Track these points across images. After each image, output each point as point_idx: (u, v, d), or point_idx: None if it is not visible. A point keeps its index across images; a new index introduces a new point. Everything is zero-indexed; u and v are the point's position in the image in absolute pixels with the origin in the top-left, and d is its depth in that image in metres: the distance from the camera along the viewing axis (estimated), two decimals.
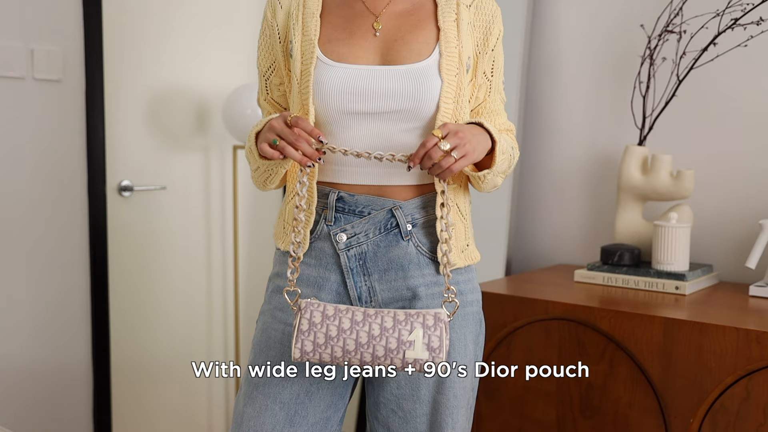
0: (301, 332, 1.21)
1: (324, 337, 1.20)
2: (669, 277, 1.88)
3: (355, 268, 1.33)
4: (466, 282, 1.38)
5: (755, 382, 1.54)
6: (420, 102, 1.28)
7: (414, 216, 1.33)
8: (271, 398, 1.33)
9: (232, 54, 2.83)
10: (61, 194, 2.33)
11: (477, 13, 1.37)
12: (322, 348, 1.20)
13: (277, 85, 1.41)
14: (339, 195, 1.33)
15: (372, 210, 1.32)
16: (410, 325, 1.20)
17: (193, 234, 2.77)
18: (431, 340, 1.20)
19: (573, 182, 2.31)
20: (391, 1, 1.36)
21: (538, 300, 1.81)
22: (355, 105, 1.29)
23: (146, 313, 2.64)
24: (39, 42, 2.24)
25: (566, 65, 2.31)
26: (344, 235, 1.32)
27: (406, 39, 1.32)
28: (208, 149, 2.79)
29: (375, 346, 1.20)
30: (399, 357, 1.19)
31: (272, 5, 1.40)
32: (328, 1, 1.38)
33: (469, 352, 1.37)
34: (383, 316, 1.21)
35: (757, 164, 2.00)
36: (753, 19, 1.94)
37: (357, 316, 1.21)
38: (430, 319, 1.21)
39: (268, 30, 1.40)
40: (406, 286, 1.33)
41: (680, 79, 2.02)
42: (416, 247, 1.33)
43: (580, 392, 1.76)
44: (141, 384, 2.63)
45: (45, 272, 2.30)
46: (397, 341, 1.19)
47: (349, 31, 1.34)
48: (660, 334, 1.64)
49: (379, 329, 1.20)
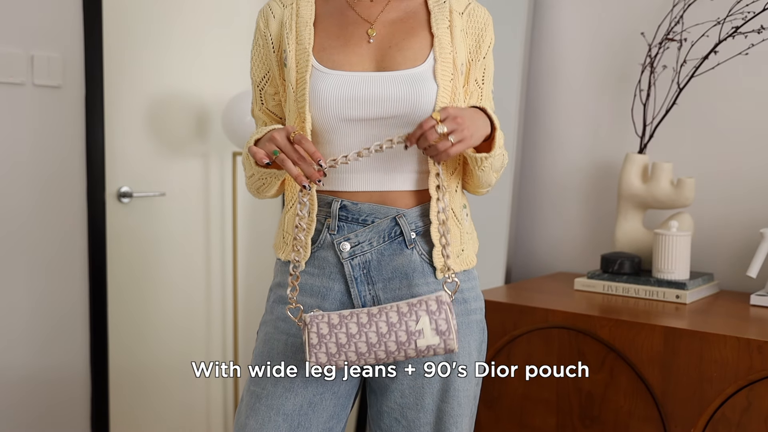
0: (312, 347, 1.21)
1: (336, 347, 1.21)
2: (669, 285, 1.88)
3: (359, 277, 1.32)
4: (469, 289, 1.37)
5: (756, 392, 1.53)
6: (416, 107, 1.28)
7: (417, 224, 1.32)
8: (274, 410, 1.32)
9: (231, 61, 2.83)
10: (60, 200, 2.32)
11: (469, 20, 1.37)
12: (336, 357, 1.21)
13: (272, 94, 1.41)
14: (342, 203, 1.32)
15: (376, 218, 1.32)
16: (415, 315, 1.21)
17: (192, 240, 2.77)
18: (438, 324, 1.21)
19: (573, 190, 2.31)
20: (384, 9, 1.36)
21: (538, 308, 1.81)
22: (351, 112, 1.28)
23: (145, 319, 2.63)
24: (39, 48, 2.24)
25: (567, 73, 2.31)
26: (348, 244, 1.32)
27: (400, 45, 1.32)
28: (207, 156, 2.79)
29: (386, 343, 1.21)
30: (412, 347, 1.21)
31: (265, 15, 1.39)
32: (321, 10, 1.38)
33: (473, 359, 1.36)
34: (387, 312, 1.22)
35: (757, 172, 2.00)
36: (754, 27, 1.94)
37: (362, 318, 1.22)
38: (433, 304, 1.22)
39: (261, 40, 1.39)
40: (410, 294, 1.32)
41: (681, 87, 2.02)
42: (420, 255, 1.32)
43: (580, 401, 1.75)
44: (139, 390, 2.62)
45: (44, 278, 2.30)
46: (407, 333, 1.20)
47: (343, 39, 1.34)
48: (660, 343, 1.63)
49: (386, 326, 1.21)
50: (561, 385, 1.78)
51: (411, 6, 1.38)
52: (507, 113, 2.25)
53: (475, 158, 1.30)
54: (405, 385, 1.33)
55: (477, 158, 1.30)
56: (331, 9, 1.38)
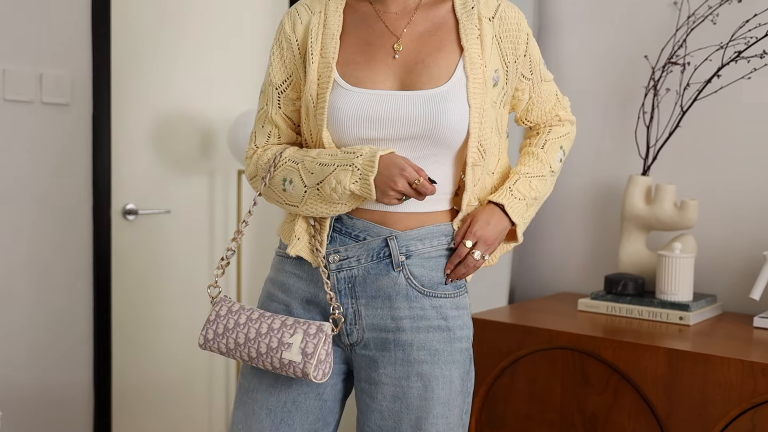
0: (209, 322, 1.35)
1: (223, 328, 1.33)
2: (673, 307, 1.88)
3: (343, 290, 1.32)
4: (455, 318, 1.34)
5: (761, 415, 1.53)
6: (436, 128, 1.27)
7: (410, 248, 1.31)
8: (258, 404, 1.35)
9: (237, 79, 2.85)
10: (66, 217, 2.33)
11: (501, 24, 1.34)
12: (220, 337, 1.33)
13: (293, 99, 1.38)
14: (339, 216, 1.33)
15: (368, 236, 1.32)
16: (293, 329, 1.29)
17: (196, 258, 2.77)
18: (307, 345, 1.27)
19: (577, 211, 2.31)
20: (411, 21, 1.33)
21: (541, 329, 1.81)
22: (370, 132, 1.28)
23: (149, 336, 2.63)
24: (48, 66, 2.26)
25: (570, 95, 2.31)
26: (337, 256, 1.32)
27: (426, 62, 1.30)
28: (212, 174, 2.80)
29: (260, 342, 1.29)
30: (277, 357, 1.28)
31: (291, 18, 1.37)
32: (348, 21, 1.35)
33: (455, 388, 1.33)
34: (275, 318, 1.31)
35: (760, 195, 2.01)
36: (756, 51, 1.96)
37: (254, 315, 1.32)
38: (313, 328, 1.29)
39: (285, 42, 1.36)
40: (390, 316, 1.31)
41: (684, 110, 2.03)
42: (407, 279, 1.31)
43: (583, 422, 1.75)
44: (142, 406, 2.62)
45: (49, 294, 2.30)
46: (278, 341, 1.28)
47: (368, 54, 1.32)
48: (664, 365, 1.63)
49: (267, 328, 1.30)
50: (565, 406, 1.78)
51: (439, 16, 1.34)
52: (512, 135, 2.26)
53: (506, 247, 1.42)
54: (384, 407, 1.32)
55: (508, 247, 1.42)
56: (358, 19, 1.35)
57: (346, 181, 1.25)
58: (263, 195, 1.39)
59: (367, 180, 1.24)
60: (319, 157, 1.29)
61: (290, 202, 1.34)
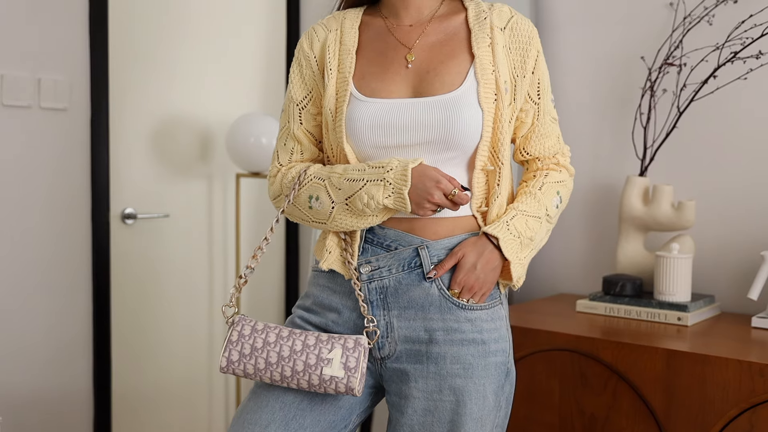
0: (230, 342, 1.29)
1: (250, 348, 1.28)
2: (671, 307, 1.88)
3: (375, 301, 1.32)
4: (491, 330, 1.33)
5: (759, 415, 1.53)
6: (451, 131, 1.28)
7: (441, 258, 1.31)
8: (274, 396, 1.34)
9: (235, 83, 2.86)
10: (64, 221, 2.34)
11: (512, 35, 1.36)
12: (246, 358, 1.28)
13: (314, 115, 1.41)
14: (371, 227, 1.33)
15: (399, 246, 1.32)
16: (331, 345, 1.26)
17: (195, 262, 2.78)
18: (348, 360, 1.25)
19: (575, 212, 2.32)
20: (424, 32, 1.36)
21: (540, 330, 1.81)
22: (386, 139, 1.30)
23: (148, 340, 2.64)
24: (46, 71, 2.27)
25: (567, 96, 2.33)
26: (368, 266, 1.32)
27: (438, 70, 1.32)
28: (211, 177, 2.81)
29: (295, 360, 1.25)
30: (317, 373, 1.25)
31: (309, 37, 1.41)
32: (363, 37, 1.39)
33: (489, 403, 1.32)
34: (307, 335, 1.28)
35: (758, 195, 2.01)
36: (752, 52, 1.96)
37: (283, 332, 1.28)
38: (350, 342, 1.27)
39: (304, 60, 1.40)
40: (423, 327, 1.31)
41: (681, 110, 2.04)
42: (439, 289, 1.31)
43: (583, 424, 1.75)
44: (142, 411, 2.62)
45: (47, 299, 2.31)
46: (317, 357, 1.25)
47: (383, 66, 1.35)
48: (663, 365, 1.64)
49: (301, 345, 1.26)
50: (564, 407, 1.78)
51: (451, 26, 1.37)
52: None
53: (505, 284, 1.39)
54: (414, 421, 1.31)
55: (506, 284, 1.39)
56: (372, 35, 1.39)
57: (379, 195, 1.27)
58: (286, 213, 1.40)
59: (402, 194, 1.25)
60: (346, 173, 1.30)
61: (317, 219, 1.35)
